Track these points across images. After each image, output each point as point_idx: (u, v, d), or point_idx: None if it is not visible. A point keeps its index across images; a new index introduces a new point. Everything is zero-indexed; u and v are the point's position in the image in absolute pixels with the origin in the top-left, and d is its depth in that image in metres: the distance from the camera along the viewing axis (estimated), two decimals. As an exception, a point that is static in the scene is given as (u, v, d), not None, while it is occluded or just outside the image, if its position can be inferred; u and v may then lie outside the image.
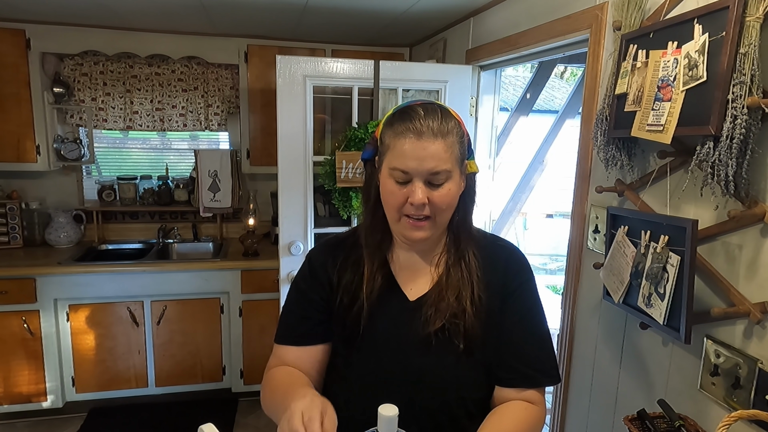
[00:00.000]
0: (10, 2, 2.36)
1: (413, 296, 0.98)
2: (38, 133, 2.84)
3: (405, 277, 1.00)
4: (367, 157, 0.98)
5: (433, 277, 0.98)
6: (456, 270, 0.96)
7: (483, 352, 0.95)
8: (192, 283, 2.84)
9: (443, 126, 0.87)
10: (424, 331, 0.93)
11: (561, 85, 7.17)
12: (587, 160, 1.56)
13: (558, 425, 1.74)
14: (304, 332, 1.01)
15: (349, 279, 0.98)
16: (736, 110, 0.95)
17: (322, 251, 1.06)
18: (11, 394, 2.71)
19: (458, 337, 0.92)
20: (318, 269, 1.02)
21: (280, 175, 2.18)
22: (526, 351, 0.96)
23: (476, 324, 0.93)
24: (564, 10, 1.66)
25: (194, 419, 1.04)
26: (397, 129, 0.89)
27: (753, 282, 1.02)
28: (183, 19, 2.63)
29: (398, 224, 0.93)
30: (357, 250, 1.00)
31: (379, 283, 0.96)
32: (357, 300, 0.96)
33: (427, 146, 0.86)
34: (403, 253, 1.00)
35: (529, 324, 0.97)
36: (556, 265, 6.25)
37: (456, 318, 0.92)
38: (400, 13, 2.38)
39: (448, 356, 0.93)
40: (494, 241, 1.04)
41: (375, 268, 0.97)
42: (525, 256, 1.04)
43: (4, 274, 2.59)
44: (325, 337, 1.02)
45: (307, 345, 1.01)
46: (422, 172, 0.86)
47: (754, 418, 0.93)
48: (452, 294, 0.94)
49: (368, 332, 0.96)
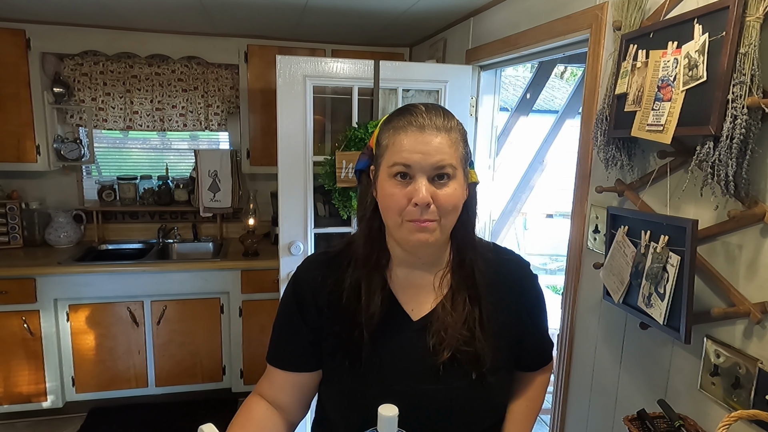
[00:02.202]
0: (10, 2, 2.35)
1: (416, 316, 0.91)
2: (38, 133, 2.84)
3: (406, 296, 0.92)
4: (362, 167, 0.91)
5: (437, 296, 0.91)
6: (461, 291, 0.90)
7: (496, 376, 0.90)
8: (192, 283, 2.84)
9: (447, 122, 0.83)
10: (432, 360, 0.87)
11: (561, 85, 7.17)
12: (587, 160, 1.56)
13: (558, 425, 1.74)
14: (291, 359, 0.94)
15: (345, 304, 0.90)
16: (736, 110, 0.95)
17: (310, 270, 0.96)
18: (11, 394, 2.71)
19: (469, 365, 0.87)
20: (305, 292, 0.93)
21: (280, 175, 2.18)
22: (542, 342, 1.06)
23: (487, 348, 0.88)
24: (564, 10, 1.66)
25: (194, 419, 1.02)
26: (396, 125, 0.83)
27: (753, 282, 1.02)
28: (183, 19, 2.63)
29: (400, 229, 0.84)
30: (350, 269, 0.92)
31: (379, 305, 0.88)
32: (356, 326, 0.88)
33: (431, 139, 0.80)
34: (402, 271, 0.92)
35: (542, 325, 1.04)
36: (556, 265, 6.24)
37: (466, 345, 0.87)
38: (400, 13, 2.38)
39: (458, 383, 0.87)
40: (499, 254, 0.99)
41: (373, 288, 0.89)
42: (527, 263, 1.02)
43: (4, 274, 2.59)
44: (313, 365, 0.94)
45: (294, 371, 0.94)
46: (426, 167, 0.80)
47: (754, 418, 0.93)
48: (459, 319, 0.88)
49: (371, 358, 0.88)
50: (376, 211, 0.89)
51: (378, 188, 0.86)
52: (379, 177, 0.86)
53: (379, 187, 0.86)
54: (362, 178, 0.93)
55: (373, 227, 0.90)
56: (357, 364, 0.88)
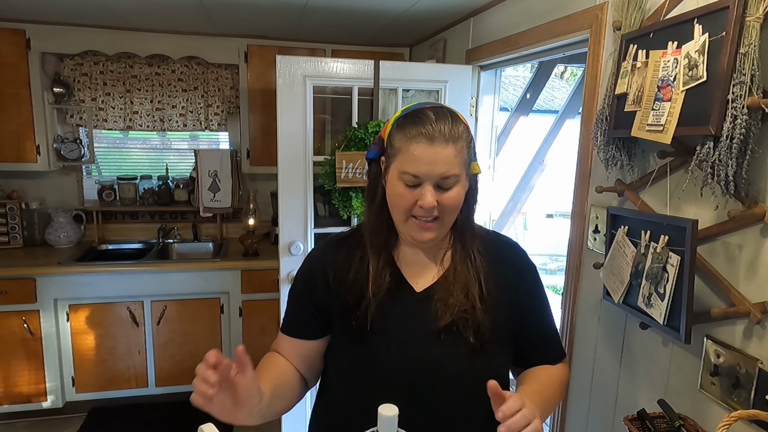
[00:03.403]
0: (10, 2, 2.36)
1: (420, 288, 0.99)
2: (38, 133, 2.84)
3: (411, 272, 1.01)
4: (372, 156, 0.99)
5: (439, 270, 1.00)
6: (462, 266, 0.98)
7: (494, 347, 0.95)
8: (192, 283, 2.84)
9: (454, 131, 0.89)
10: (434, 325, 0.94)
11: (561, 85, 7.17)
12: (587, 160, 1.56)
13: (558, 425, 1.74)
14: (298, 327, 1.05)
15: (353, 277, 0.99)
16: (736, 110, 0.95)
17: (322, 250, 1.07)
18: (11, 394, 2.71)
19: (468, 332, 0.93)
20: (316, 272, 1.03)
21: (280, 175, 2.18)
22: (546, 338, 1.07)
23: (486, 319, 0.94)
24: (564, 10, 1.66)
25: (194, 419, 1.03)
26: (408, 133, 0.90)
27: (753, 282, 1.02)
28: (183, 19, 2.63)
29: (405, 225, 0.94)
30: (360, 248, 1.01)
31: (387, 280, 0.97)
32: (363, 298, 0.96)
33: (439, 151, 0.87)
34: (408, 250, 1.02)
35: (544, 314, 1.06)
36: (556, 265, 6.24)
37: (466, 314, 0.93)
38: (400, 13, 2.38)
39: (460, 348, 0.93)
40: (497, 238, 1.08)
41: (381, 265, 0.98)
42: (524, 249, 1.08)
43: (4, 274, 2.59)
44: (319, 333, 1.04)
45: (300, 338, 1.04)
46: (433, 177, 0.88)
47: (754, 418, 0.93)
48: (460, 290, 0.95)
49: (377, 327, 0.96)
50: (385, 197, 0.97)
51: (388, 183, 0.95)
52: (390, 173, 0.94)
53: (389, 182, 0.94)
54: (372, 166, 1.01)
55: (383, 213, 0.98)
56: (364, 332, 0.95)
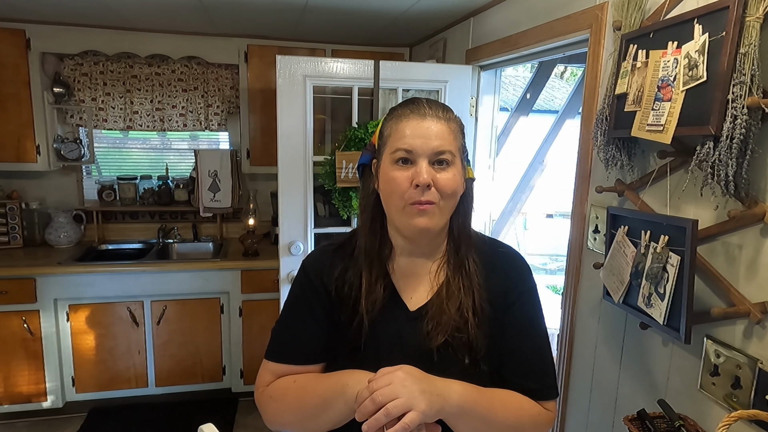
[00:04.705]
0: (10, 2, 2.36)
1: (413, 306, 0.94)
2: (38, 133, 2.84)
3: (405, 285, 0.96)
4: (364, 161, 0.96)
5: (433, 286, 0.95)
6: (456, 279, 0.93)
7: (488, 362, 0.92)
8: (192, 283, 2.84)
9: (446, 113, 0.89)
10: (427, 345, 0.89)
11: (561, 85, 7.16)
12: (587, 160, 1.56)
13: (558, 425, 1.74)
14: (304, 350, 0.95)
15: (348, 293, 0.93)
16: (736, 110, 0.95)
17: (317, 258, 1.00)
18: (11, 394, 2.71)
19: (462, 351, 0.89)
20: (314, 279, 0.96)
21: (280, 175, 2.18)
22: (527, 364, 0.93)
23: (480, 335, 0.90)
24: (564, 10, 1.66)
25: (194, 419, 1.03)
26: (399, 115, 0.89)
27: (753, 282, 1.02)
28: (183, 19, 2.63)
29: (402, 213, 0.88)
30: (355, 260, 0.96)
31: (380, 294, 0.92)
32: (356, 315, 0.91)
33: (431, 126, 0.86)
34: (403, 260, 0.96)
35: (530, 336, 0.95)
36: (556, 265, 6.24)
37: (459, 332, 0.89)
38: (400, 13, 2.38)
39: (452, 368, 0.89)
40: (495, 247, 1.01)
41: (374, 278, 0.93)
42: (526, 261, 1.01)
43: (4, 274, 2.60)
44: (324, 355, 0.96)
45: (307, 364, 0.94)
46: (426, 151, 0.85)
47: (754, 418, 0.93)
48: (453, 306, 0.90)
49: (370, 346, 0.91)
50: (378, 203, 0.94)
51: (381, 177, 0.91)
52: (382, 166, 0.91)
53: (381, 175, 0.91)
54: (365, 172, 0.98)
55: (375, 218, 0.95)
56: (356, 352, 0.91)
